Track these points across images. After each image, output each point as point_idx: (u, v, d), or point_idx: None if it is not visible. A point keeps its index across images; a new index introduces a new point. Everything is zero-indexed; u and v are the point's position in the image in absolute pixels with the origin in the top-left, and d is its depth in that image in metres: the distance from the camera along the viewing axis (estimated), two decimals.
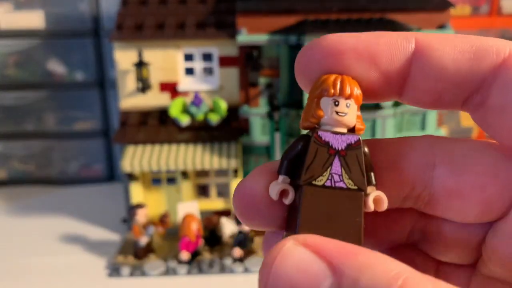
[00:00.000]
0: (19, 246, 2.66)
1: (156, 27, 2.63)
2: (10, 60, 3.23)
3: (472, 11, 3.20)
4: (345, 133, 0.26)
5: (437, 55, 0.25)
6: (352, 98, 0.26)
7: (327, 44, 0.26)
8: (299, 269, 0.21)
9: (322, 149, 0.26)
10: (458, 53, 0.24)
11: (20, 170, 3.43)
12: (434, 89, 0.25)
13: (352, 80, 0.26)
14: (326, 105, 0.26)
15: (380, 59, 0.25)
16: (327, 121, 0.26)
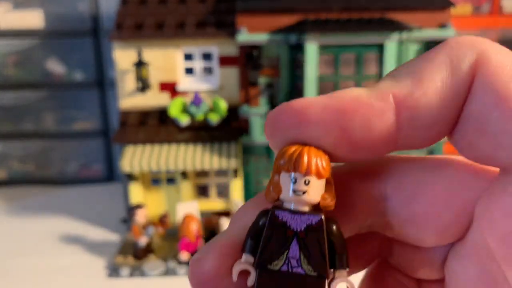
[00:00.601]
0: (18, 246, 2.66)
1: (155, 27, 2.62)
2: (9, 59, 3.23)
3: (473, 11, 3.20)
4: (306, 212, 0.24)
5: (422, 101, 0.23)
6: (311, 174, 0.23)
7: (293, 112, 0.23)
8: None
9: (279, 230, 0.23)
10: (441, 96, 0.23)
11: (19, 170, 3.43)
12: (426, 135, 0.24)
13: (317, 152, 0.23)
14: (284, 181, 0.24)
15: (353, 131, 0.23)
16: (287, 199, 0.24)
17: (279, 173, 0.24)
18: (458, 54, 0.23)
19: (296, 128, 0.23)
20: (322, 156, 0.23)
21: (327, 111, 0.23)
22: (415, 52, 2.56)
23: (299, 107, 0.23)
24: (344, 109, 0.23)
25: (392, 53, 2.43)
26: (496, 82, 0.22)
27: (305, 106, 0.23)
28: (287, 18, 2.49)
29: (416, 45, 2.55)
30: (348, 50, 2.44)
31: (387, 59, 2.43)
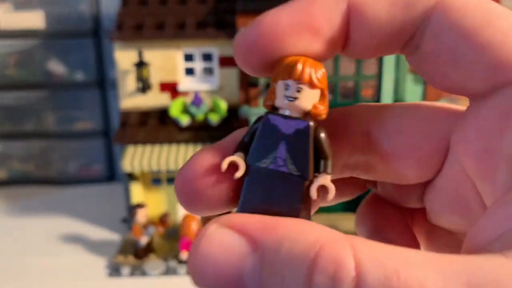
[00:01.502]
0: (19, 246, 2.67)
1: (156, 27, 2.63)
2: (10, 60, 3.23)
3: None
4: (296, 117, 0.25)
5: (371, 10, 0.25)
6: (303, 81, 0.25)
7: (264, 27, 0.25)
8: (222, 250, 0.21)
9: (271, 132, 0.25)
10: (391, 4, 0.24)
11: (19, 170, 3.43)
12: (373, 42, 0.25)
13: (313, 63, 0.25)
14: (279, 88, 0.25)
15: (321, 28, 0.25)
16: (280, 105, 0.25)
17: (276, 82, 0.25)
18: None
19: (271, 40, 0.24)
20: (317, 67, 0.25)
21: (296, 15, 0.24)
22: None
23: (269, 20, 0.24)
24: (310, 10, 0.24)
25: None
26: (464, 18, 0.23)
27: (274, 18, 0.24)
28: None
29: None
30: None
31: (386, 59, 2.44)
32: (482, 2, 0.24)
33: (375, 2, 0.25)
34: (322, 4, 0.25)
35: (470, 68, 0.24)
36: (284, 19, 0.24)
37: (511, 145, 0.22)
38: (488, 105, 0.24)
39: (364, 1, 0.25)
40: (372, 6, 0.25)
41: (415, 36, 0.25)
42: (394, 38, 0.25)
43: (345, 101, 2.53)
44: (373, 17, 0.25)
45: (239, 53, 0.25)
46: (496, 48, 0.23)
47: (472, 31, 0.23)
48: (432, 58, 0.25)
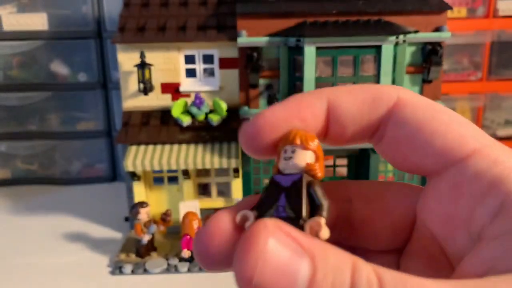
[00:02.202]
0: (22, 245, 2.68)
1: (157, 29, 2.66)
2: (14, 61, 3.26)
3: (468, 13, 3.23)
4: (293, 173, 0.31)
5: (344, 108, 0.32)
6: (296, 144, 0.31)
7: (263, 119, 0.32)
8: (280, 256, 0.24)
9: (273, 187, 0.30)
10: (359, 102, 0.32)
11: (23, 169, 3.45)
12: (347, 133, 0.32)
13: (304, 131, 0.31)
14: (280, 154, 0.31)
15: (307, 119, 0.32)
16: (282, 167, 0.31)
17: (279, 152, 0.32)
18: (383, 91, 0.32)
19: (269, 132, 0.32)
20: (308, 134, 0.31)
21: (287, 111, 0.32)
22: (411, 54, 2.60)
23: (267, 115, 0.32)
24: (298, 107, 0.32)
25: (389, 55, 2.47)
26: (416, 114, 0.31)
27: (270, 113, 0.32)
28: (286, 21, 2.53)
29: (413, 47, 2.60)
30: (345, 52, 2.48)
31: (384, 61, 2.47)
32: (428, 101, 0.31)
33: (347, 103, 0.32)
34: (308, 102, 0.32)
35: (424, 151, 0.30)
36: (278, 113, 0.31)
37: (465, 210, 0.28)
38: (443, 179, 0.30)
39: (339, 102, 0.32)
40: (345, 106, 0.32)
41: (380, 129, 0.32)
42: (364, 130, 0.32)
43: None
44: (346, 114, 0.32)
45: (245, 141, 0.32)
46: (442, 136, 0.30)
47: (423, 123, 0.30)
48: (394, 144, 0.32)
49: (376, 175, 2.71)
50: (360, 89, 0.32)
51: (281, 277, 0.24)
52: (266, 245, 0.24)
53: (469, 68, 3.32)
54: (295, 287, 0.24)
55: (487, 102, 3.36)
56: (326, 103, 0.32)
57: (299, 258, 0.24)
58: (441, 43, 2.56)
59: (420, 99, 0.31)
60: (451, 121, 0.30)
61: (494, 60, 3.28)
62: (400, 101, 0.31)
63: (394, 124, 0.31)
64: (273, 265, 0.24)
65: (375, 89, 0.32)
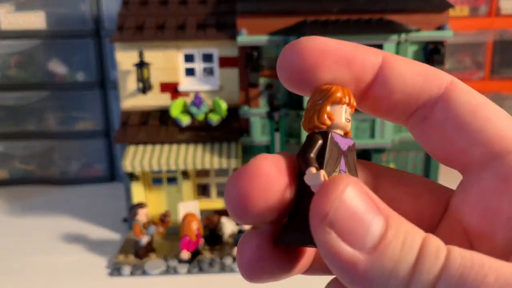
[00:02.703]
0: (20, 245, 2.68)
1: (156, 28, 2.64)
2: (11, 60, 3.24)
3: (471, 12, 3.21)
4: (345, 136, 0.30)
5: (398, 71, 0.30)
6: (352, 108, 0.30)
7: (313, 44, 0.30)
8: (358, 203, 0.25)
9: (335, 148, 0.29)
10: (415, 72, 0.30)
11: (21, 170, 3.44)
12: (390, 99, 0.30)
13: (350, 92, 0.30)
14: (336, 111, 0.30)
15: (355, 65, 0.29)
16: (335, 126, 0.30)
17: (331, 105, 0.30)
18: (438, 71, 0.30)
19: (316, 56, 0.30)
20: (352, 96, 0.31)
21: (340, 46, 0.30)
22: (413, 53, 2.58)
23: (319, 41, 0.30)
24: (352, 48, 0.30)
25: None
26: (471, 98, 0.29)
27: (323, 40, 0.30)
28: (287, 19, 2.51)
29: (415, 46, 2.58)
30: None
31: None
32: (478, 92, 0.30)
33: (404, 66, 0.30)
34: (363, 51, 0.30)
35: (474, 136, 0.28)
36: (331, 45, 0.30)
37: (510, 206, 0.27)
38: (488, 171, 0.28)
39: (396, 62, 0.30)
40: (401, 68, 0.30)
41: (426, 106, 0.30)
42: (410, 102, 0.30)
43: None
44: (397, 78, 0.30)
45: (286, 59, 0.30)
46: (496, 123, 0.28)
47: (476, 107, 0.29)
48: (440, 126, 0.30)
49: None
50: (417, 63, 0.30)
51: (355, 223, 0.24)
52: (345, 191, 0.25)
53: (471, 67, 3.30)
54: (366, 237, 0.24)
55: None
56: (380, 60, 0.30)
57: (374, 214, 0.25)
58: (443, 42, 2.54)
59: (472, 89, 0.30)
60: (501, 112, 0.29)
61: (496, 59, 3.26)
62: (454, 84, 0.30)
63: (445, 104, 0.29)
64: (349, 210, 0.25)
65: (431, 68, 0.30)
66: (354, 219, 0.24)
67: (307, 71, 0.29)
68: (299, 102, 2.56)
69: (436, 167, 2.71)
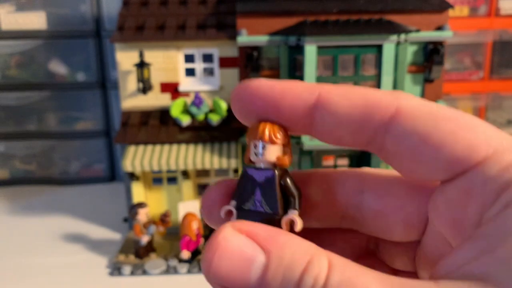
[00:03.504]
0: (20, 245, 2.68)
1: (157, 28, 2.65)
2: (12, 61, 3.25)
3: (470, 12, 3.22)
4: (265, 168, 0.32)
5: (332, 108, 0.30)
6: (265, 141, 0.31)
7: (246, 87, 0.32)
8: (236, 252, 0.27)
9: (249, 181, 0.32)
10: (351, 107, 0.30)
11: (21, 170, 3.44)
12: (334, 134, 0.31)
13: (272, 126, 0.32)
14: (251, 147, 0.32)
15: (283, 108, 0.31)
16: (252, 159, 0.32)
17: (249, 143, 0.32)
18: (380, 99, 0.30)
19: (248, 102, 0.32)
20: (276, 128, 0.32)
21: (270, 91, 0.31)
22: (413, 53, 2.59)
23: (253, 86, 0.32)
24: (280, 93, 0.31)
25: (390, 54, 2.45)
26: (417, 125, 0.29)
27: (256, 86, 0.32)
28: (287, 20, 2.52)
29: (414, 46, 2.58)
30: (346, 51, 2.47)
31: (385, 60, 2.45)
32: (431, 107, 0.29)
33: (340, 103, 0.30)
34: (294, 93, 0.31)
35: (431, 164, 0.29)
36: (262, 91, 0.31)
37: (473, 216, 0.27)
38: (452, 186, 0.29)
39: (328, 101, 0.30)
40: (333, 107, 0.30)
41: (376, 139, 0.30)
42: (354, 136, 0.30)
43: None
44: (333, 115, 0.30)
45: (232, 102, 0.33)
46: (450, 146, 0.28)
47: (426, 135, 0.28)
48: (396, 157, 0.30)
49: None
50: (355, 93, 0.30)
51: (235, 270, 0.26)
52: (223, 242, 0.27)
53: (471, 68, 3.30)
54: (248, 281, 0.26)
55: (489, 102, 3.35)
56: (314, 98, 0.30)
57: (255, 253, 0.26)
58: (443, 42, 2.54)
59: (422, 106, 0.29)
60: (458, 128, 0.28)
61: (496, 59, 3.27)
62: (399, 112, 0.29)
63: (394, 137, 0.29)
64: (228, 259, 0.26)
65: (372, 96, 0.30)
66: (232, 268, 0.26)
67: (245, 112, 0.32)
68: None
69: None
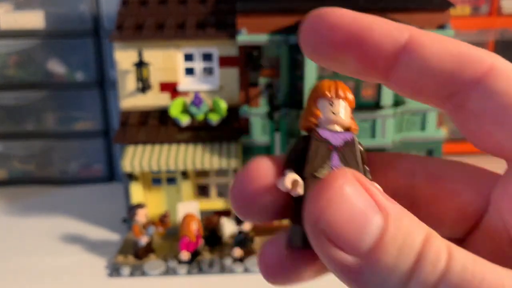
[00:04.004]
0: (19, 246, 2.67)
1: (156, 27, 2.63)
2: (10, 60, 3.24)
3: (472, 11, 3.21)
4: (341, 131, 0.29)
5: (424, 52, 0.26)
6: (345, 100, 0.29)
7: (327, 17, 0.27)
8: (356, 205, 0.24)
9: (322, 145, 0.28)
10: (444, 54, 0.26)
11: (20, 170, 3.43)
12: (416, 82, 0.27)
13: (345, 86, 0.29)
14: (323, 106, 0.29)
15: (369, 45, 0.27)
16: (325, 121, 0.29)
17: (317, 101, 0.29)
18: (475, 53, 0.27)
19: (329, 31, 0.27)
20: (348, 89, 0.30)
21: (356, 21, 0.27)
22: None
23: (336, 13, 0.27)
24: (369, 25, 0.27)
25: None
26: (508, 88, 0.26)
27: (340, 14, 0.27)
28: (287, 19, 2.50)
29: None
30: None
31: None
32: None
33: (431, 45, 0.26)
34: (383, 28, 0.27)
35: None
36: (346, 20, 0.27)
37: None
38: None
39: (424, 42, 0.26)
40: (426, 48, 0.26)
41: (460, 94, 0.27)
42: (438, 87, 0.27)
43: None
44: (424, 58, 0.26)
45: (303, 31, 0.28)
46: None
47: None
48: (478, 117, 0.27)
49: None
50: (449, 41, 0.27)
51: (349, 226, 0.23)
52: (341, 189, 0.24)
53: None
54: (361, 241, 0.23)
55: None
56: (405, 37, 0.27)
57: (372, 213, 0.24)
58: None
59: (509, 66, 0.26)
60: None
61: None
62: (493, 69, 0.26)
63: (482, 94, 0.26)
64: (344, 210, 0.24)
65: (465, 47, 0.27)
66: (348, 222, 0.23)
67: (319, 44, 0.27)
68: (299, 101, 2.55)
69: None
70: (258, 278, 2.34)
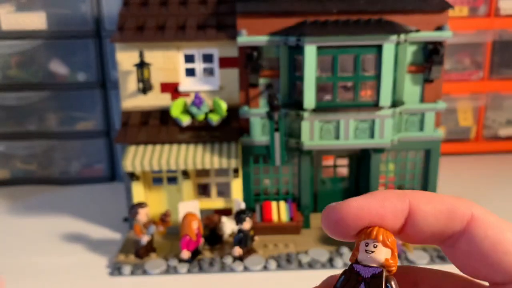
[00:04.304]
0: (20, 245, 2.68)
1: (157, 28, 2.65)
2: (12, 61, 3.25)
3: (470, 12, 3.22)
4: (373, 266, 0.36)
5: (422, 215, 0.38)
6: (378, 241, 0.36)
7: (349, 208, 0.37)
8: None
9: (353, 276, 0.36)
10: (437, 213, 0.37)
11: (22, 170, 3.45)
12: (420, 236, 0.38)
13: (385, 231, 0.37)
14: (361, 246, 0.37)
15: (387, 221, 0.38)
16: (362, 258, 0.37)
17: (360, 241, 0.37)
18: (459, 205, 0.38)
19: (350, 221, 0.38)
20: (388, 233, 0.37)
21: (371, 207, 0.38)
22: (413, 53, 2.59)
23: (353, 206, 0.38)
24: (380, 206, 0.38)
25: (390, 54, 2.45)
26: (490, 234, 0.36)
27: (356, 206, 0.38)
28: (287, 20, 2.52)
29: (414, 46, 2.58)
30: (346, 52, 2.47)
31: (385, 60, 2.46)
32: (498, 220, 0.37)
33: (426, 211, 0.37)
34: (391, 202, 0.37)
35: (495, 268, 0.35)
36: (363, 205, 0.37)
37: None
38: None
39: (420, 209, 0.37)
40: (424, 214, 0.37)
41: (452, 238, 0.38)
42: (437, 236, 0.38)
43: (344, 102, 2.55)
44: (424, 221, 0.37)
45: (330, 225, 0.38)
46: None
47: (495, 243, 0.36)
48: (466, 256, 0.37)
49: (377, 175, 2.69)
50: (439, 200, 0.38)
51: None
52: None
53: (470, 68, 3.31)
54: None
55: (489, 102, 3.35)
56: (407, 207, 0.37)
57: None
58: (443, 43, 2.54)
59: (492, 218, 0.37)
60: None
61: (495, 59, 3.27)
62: (473, 220, 0.37)
63: (468, 240, 0.37)
64: None
65: (452, 203, 0.38)
66: None
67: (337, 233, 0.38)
68: (299, 102, 2.57)
69: (435, 167, 2.72)
70: (258, 277, 2.35)
